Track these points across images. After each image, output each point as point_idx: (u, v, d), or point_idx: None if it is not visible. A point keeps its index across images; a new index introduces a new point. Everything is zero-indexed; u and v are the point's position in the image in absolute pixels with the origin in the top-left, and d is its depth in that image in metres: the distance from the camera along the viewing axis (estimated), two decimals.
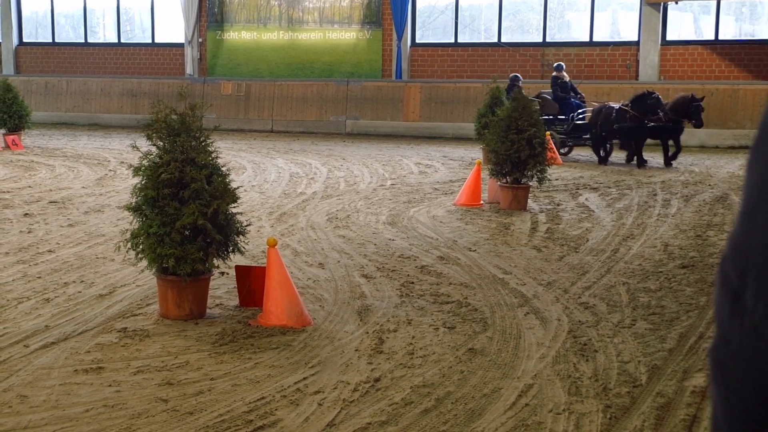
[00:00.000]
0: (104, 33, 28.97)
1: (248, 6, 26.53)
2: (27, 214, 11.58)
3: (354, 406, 5.29)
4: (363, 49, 25.45)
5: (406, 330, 6.80)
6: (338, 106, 24.31)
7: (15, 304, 7.39)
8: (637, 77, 22.75)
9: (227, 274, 7.70)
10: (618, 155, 18.21)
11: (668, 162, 17.41)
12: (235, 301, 7.44)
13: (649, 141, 17.52)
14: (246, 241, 7.42)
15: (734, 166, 17.16)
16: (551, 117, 18.71)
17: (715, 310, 1.14)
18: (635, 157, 17.38)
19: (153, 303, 7.37)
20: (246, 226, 7.40)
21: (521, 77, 19.72)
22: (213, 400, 5.35)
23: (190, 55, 26.83)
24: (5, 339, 6.47)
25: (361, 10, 25.36)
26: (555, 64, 20.06)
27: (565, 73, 19.59)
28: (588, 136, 18.51)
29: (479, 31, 25.03)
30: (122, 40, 28.36)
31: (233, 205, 7.10)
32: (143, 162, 7.03)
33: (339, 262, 9.07)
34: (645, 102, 17.06)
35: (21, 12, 29.27)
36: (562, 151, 18.54)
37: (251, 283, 7.28)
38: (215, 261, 7.06)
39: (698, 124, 17.27)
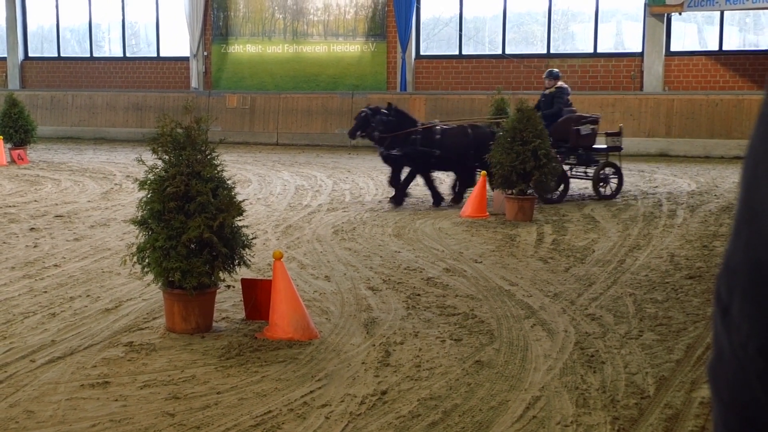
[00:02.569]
0: (109, 47, 29.05)
1: (253, 19, 26.60)
2: (33, 228, 11.60)
3: (361, 419, 5.28)
4: (368, 62, 25.49)
5: (412, 342, 6.79)
6: (343, 118, 24.33)
7: (21, 318, 7.40)
8: (641, 88, 22.75)
9: (233, 287, 7.69)
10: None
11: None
12: (242, 315, 7.44)
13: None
14: (252, 254, 7.42)
15: (739, 175, 17.14)
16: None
17: (712, 325, 1.16)
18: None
19: (159, 317, 7.37)
20: (252, 239, 7.40)
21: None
22: (220, 414, 5.34)
23: (195, 68, 26.89)
24: (11, 354, 6.47)
25: (365, 23, 25.40)
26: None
27: (561, 83, 15.70)
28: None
29: (483, 43, 25.06)
30: (127, 54, 28.43)
31: (239, 218, 7.11)
32: (149, 176, 7.04)
33: (345, 274, 9.06)
34: None
35: (26, 26, 29.37)
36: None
37: (257, 296, 7.27)
38: (221, 274, 7.06)
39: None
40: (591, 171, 14.69)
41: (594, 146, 14.81)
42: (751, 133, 1.14)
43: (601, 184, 14.50)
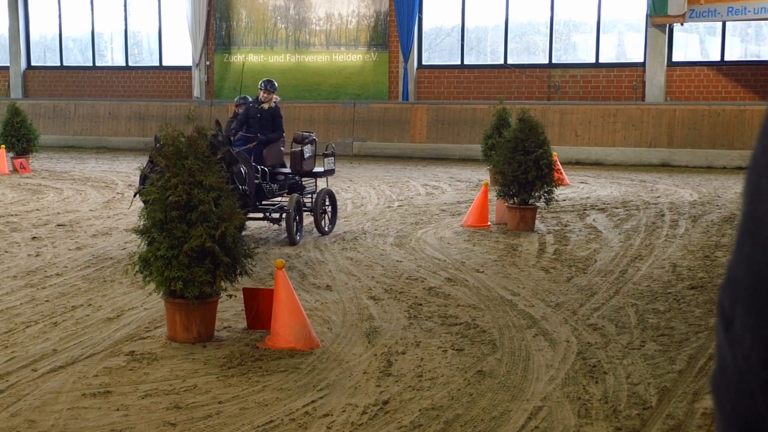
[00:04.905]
0: (112, 56, 29.10)
1: (255, 29, 26.65)
2: (35, 237, 11.60)
3: (363, 429, 5.27)
4: (370, 71, 25.52)
5: (414, 352, 6.78)
6: (345, 127, 24.36)
7: (23, 327, 7.39)
8: (643, 98, 22.77)
9: (235, 296, 7.69)
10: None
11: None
12: (243, 324, 7.43)
13: None
14: (253, 263, 7.42)
15: (742, 187, 17.09)
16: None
17: (715, 337, 1.16)
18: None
19: (161, 326, 7.37)
20: (253, 248, 7.40)
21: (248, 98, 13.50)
22: (221, 423, 5.33)
23: (197, 77, 26.93)
24: (13, 363, 6.46)
25: (367, 33, 25.44)
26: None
27: (271, 97, 12.60)
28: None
29: (485, 52, 25.09)
30: (130, 64, 28.48)
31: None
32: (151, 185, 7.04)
33: (347, 284, 9.06)
34: None
35: (29, 36, 29.43)
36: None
37: (259, 306, 7.27)
38: (223, 283, 7.05)
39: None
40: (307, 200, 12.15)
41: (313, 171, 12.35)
42: (754, 146, 1.15)
43: (322, 214, 11.89)
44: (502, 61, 24.47)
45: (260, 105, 12.51)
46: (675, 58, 22.98)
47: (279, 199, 12.06)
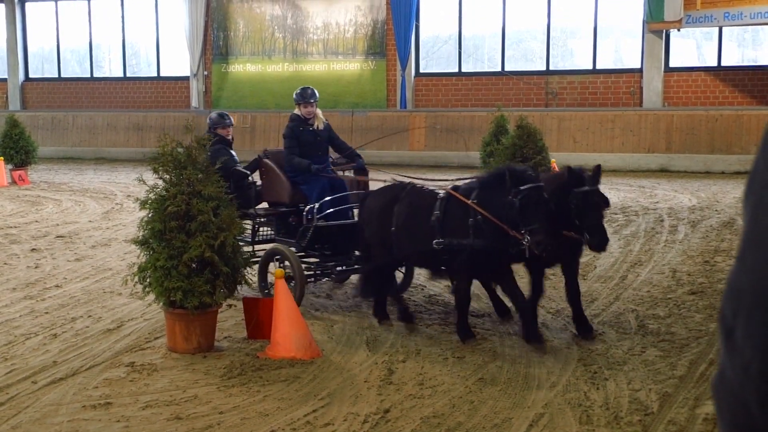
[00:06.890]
0: (110, 67, 29.12)
1: (253, 39, 26.68)
2: (34, 249, 11.59)
3: None
4: (367, 80, 25.55)
5: (415, 360, 6.78)
6: (343, 136, 24.12)
7: (23, 340, 7.38)
8: (641, 104, 22.79)
9: (235, 306, 7.68)
10: None
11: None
12: (243, 334, 7.42)
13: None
14: (253, 272, 7.41)
15: (740, 192, 17.07)
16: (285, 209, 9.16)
17: (718, 343, 1.16)
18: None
19: (161, 337, 7.36)
20: (253, 257, 7.39)
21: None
22: None
23: (195, 88, 26.95)
24: (13, 375, 6.45)
25: (365, 42, 25.48)
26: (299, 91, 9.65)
27: (317, 111, 9.68)
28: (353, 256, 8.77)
29: (483, 60, 25.11)
30: (128, 75, 28.50)
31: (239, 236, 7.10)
32: (150, 195, 7.04)
33: (346, 293, 9.04)
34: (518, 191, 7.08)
35: (27, 48, 29.45)
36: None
37: (259, 315, 7.26)
38: (223, 293, 7.05)
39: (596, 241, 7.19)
40: None
41: None
42: (755, 157, 1.14)
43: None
44: (499, 69, 24.50)
45: (309, 124, 9.37)
46: (672, 63, 23.00)
47: None
